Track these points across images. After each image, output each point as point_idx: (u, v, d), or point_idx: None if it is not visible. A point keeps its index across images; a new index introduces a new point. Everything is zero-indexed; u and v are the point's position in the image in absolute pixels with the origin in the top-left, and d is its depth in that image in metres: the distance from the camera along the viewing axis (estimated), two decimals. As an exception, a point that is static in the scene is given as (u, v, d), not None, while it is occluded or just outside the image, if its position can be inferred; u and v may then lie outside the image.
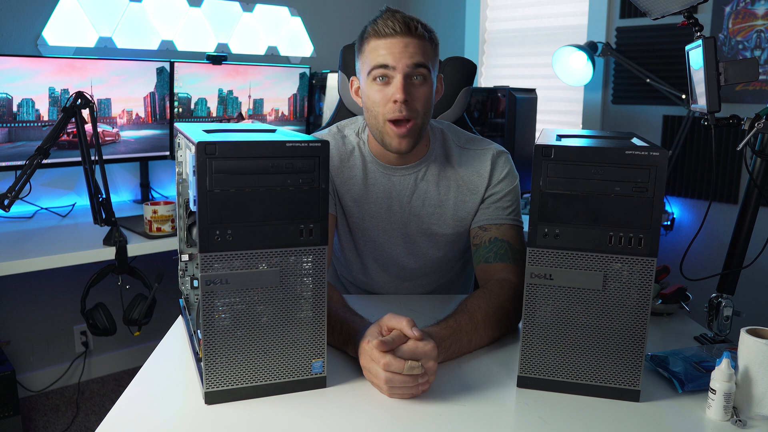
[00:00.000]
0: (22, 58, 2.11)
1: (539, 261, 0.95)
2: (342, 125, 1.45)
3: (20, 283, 2.46)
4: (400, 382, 0.93)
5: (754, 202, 1.20)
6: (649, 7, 1.30)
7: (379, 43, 1.23)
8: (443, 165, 1.38)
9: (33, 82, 2.13)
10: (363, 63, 1.27)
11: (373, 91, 1.25)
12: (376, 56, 1.23)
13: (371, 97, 1.26)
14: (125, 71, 2.35)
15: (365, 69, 1.26)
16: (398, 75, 1.22)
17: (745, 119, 1.16)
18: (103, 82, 2.29)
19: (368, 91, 1.27)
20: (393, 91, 1.22)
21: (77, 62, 2.23)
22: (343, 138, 1.41)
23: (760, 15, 2.27)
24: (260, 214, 0.90)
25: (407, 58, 1.22)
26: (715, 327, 1.19)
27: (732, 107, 2.21)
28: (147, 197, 2.63)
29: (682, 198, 2.57)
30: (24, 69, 2.11)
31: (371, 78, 1.25)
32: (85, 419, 2.44)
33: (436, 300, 1.41)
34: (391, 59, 1.22)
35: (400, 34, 1.21)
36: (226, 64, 2.62)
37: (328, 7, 3.19)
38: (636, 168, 0.91)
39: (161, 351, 1.12)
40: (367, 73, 1.25)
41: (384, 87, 1.24)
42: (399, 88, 1.21)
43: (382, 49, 1.22)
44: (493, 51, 3.23)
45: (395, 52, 1.21)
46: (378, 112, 1.25)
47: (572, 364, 0.97)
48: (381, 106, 1.25)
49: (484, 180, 1.37)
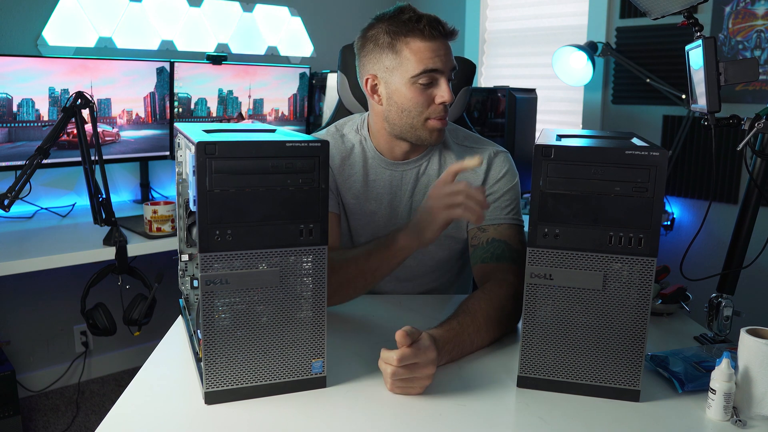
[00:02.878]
0: (22, 58, 2.11)
1: (539, 261, 0.95)
2: (340, 124, 1.45)
3: (20, 283, 2.46)
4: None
5: (754, 202, 1.20)
6: (649, 7, 1.30)
7: (424, 46, 1.24)
8: (443, 161, 1.40)
9: (33, 82, 2.13)
10: (399, 62, 1.26)
11: (416, 92, 1.26)
12: (424, 59, 1.24)
13: (413, 98, 1.26)
14: (125, 71, 2.35)
15: (406, 70, 1.25)
16: (443, 78, 1.26)
17: (745, 119, 1.16)
18: (103, 82, 2.29)
19: (408, 93, 1.26)
20: (440, 93, 1.26)
21: (77, 62, 2.23)
22: (342, 137, 1.42)
23: (760, 15, 2.27)
24: (260, 214, 0.90)
25: (451, 62, 1.27)
26: (715, 327, 1.19)
27: (732, 107, 2.21)
28: (147, 197, 2.63)
29: (682, 198, 2.57)
30: (24, 69, 2.11)
31: (415, 80, 1.25)
32: (85, 419, 2.44)
33: (436, 300, 1.41)
34: (441, 64, 1.25)
35: (442, 37, 1.25)
36: (226, 64, 2.62)
37: (328, 7, 3.19)
38: (636, 168, 0.91)
39: (161, 351, 1.12)
40: (412, 75, 1.25)
41: (427, 89, 1.26)
42: (448, 90, 1.26)
43: (429, 52, 1.24)
44: (493, 51, 3.23)
45: (442, 55, 1.25)
46: (419, 112, 1.27)
47: (572, 364, 0.97)
48: (424, 107, 1.27)
49: (479, 178, 1.37)
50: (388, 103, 1.30)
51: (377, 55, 1.28)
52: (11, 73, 2.08)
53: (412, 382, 0.95)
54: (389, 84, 1.28)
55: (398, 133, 1.32)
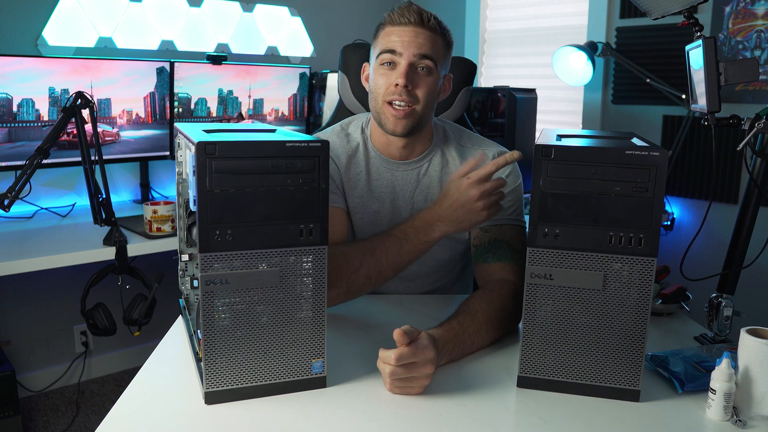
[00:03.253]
0: (22, 58, 2.11)
1: (539, 261, 0.95)
2: (345, 123, 1.47)
3: (20, 283, 2.45)
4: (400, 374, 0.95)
5: (754, 202, 1.20)
6: (649, 7, 1.30)
7: (391, 30, 1.29)
8: (445, 162, 1.40)
9: (33, 82, 2.13)
10: (374, 48, 1.33)
11: (378, 74, 1.30)
12: (387, 42, 1.28)
13: (376, 80, 1.31)
14: (125, 71, 2.35)
15: (375, 53, 1.32)
16: (404, 62, 1.27)
17: (745, 119, 1.16)
18: (103, 82, 2.29)
19: (374, 75, 1.32)
20: (396, 75, 1.27)
21: (77, 62, 2.23)
22: (347, 136, 1.43)
23: (760, 15, 2.27)
24: (260, 214, 0.90)
25: (415, 48, 1.27)
26: (715, 327, 1.19)
27: (732, 107, 2.21)
28: (147, 197, 2.63)
29: (682, 198, 2.57)
30: (24, 69, 2.10)
31: (379, 62, 1.30)
32: (85, 419, 2.44)
33: (436, 300, 1.41)
34: (400, 46, 1.27)
35: (413, 24, 1.27)
36: (226, 64, 2.62)
37: (328, 7, 3.19)
38: (636, 168, 0.91)
39: (161, 351, 1.12)
40: (376, 57, 1.31)
41: (389, 71, 1.29)
42: (402, 73, 1.26)
43: (393, 35, 1.28)
44: (493, 51, 3.23)
45: (405, 40, 1.27)
46: (379, 94, 1.30)
47: (572, 364, 0.97)
48: (383, 89, 1.29)
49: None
50: (369, 90, 1.35)
51: (372, 47, 1.35)
52: (11, 73, 2.08)
53: (411, 382, 0.95)
54: (371, 70, 1.35)
55: (375, 120, 1.35)
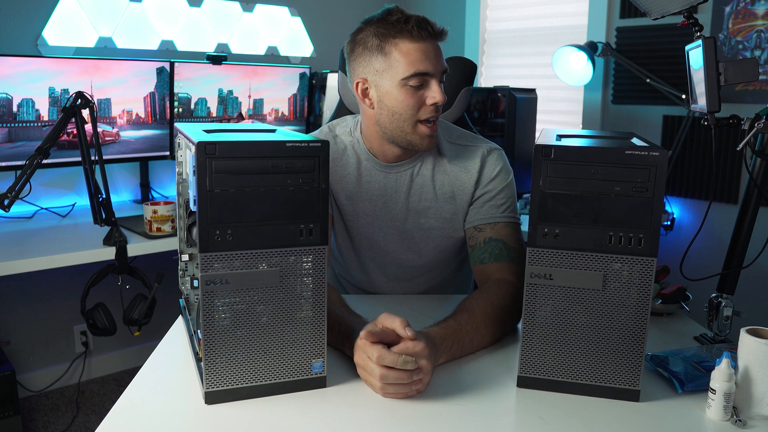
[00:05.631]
0: (22, 58, 2.11)
1: (539, 261, 0.95)
2: (333, 125, 1.45)
3: (20, 283, 2.46)
4: (395, 378, 0.93)
5: (754, 202, 1.20)
6: (649, 7, 1.30)
7: (414, 47, 1.22)
8: (436, 160, 1.38)
9: (33, 82, 2.13)
10: (389, 65, 1.23)
11: (406, 95, 1.23)
12: (414, 61, 1.21)
13: (404, 101, 1.24)
14: (125, 71, 2.35)
15: (396, 72, 1.23)
16: (434, 80, 1.24)
17: (745, 119, 1.16)
18: (103, 82, 2.29)
19: (399, 95, 1.24)
20: (431, 94, 1.23)
21: (77, 62, 2.23)
22: (334, 137, 1.41)
23: (760, 15, 2.27)
24: (260, 214, 0.90)
25: (441, 64, 1.25)
26: (715, 327, 1.19)
27: (732, 107, 2.21)
28: (147, 197, 2.63)
29: (682, 198, 2.57)
30: (24, 69, 2.11)
31: (405, 83, 1.22)
32: (85, 419, 2.44)
33: (435, 300, 1.41)
34: (431, 66, 1.22)
35: (431, 37, 1.23)
36: (226, 64, 2.62)
37: (328, 7, 3.19)
38: (636, 168, 0.91)
39: (161, 351, 1.12)
40: (402, 78, 1.22)
41: (417, 90, 1.24)
42: (439, 91, 1.23)
43: (419, 53, 1.21)
44: (493, 51, 3.23)
45: (432, 57, 1.23)
46: (410, 115, 1.25)
47: (572, 364, 0.97)
48: (414, 109, 1.24)
49: (472, 177, 1.36)
50: (379, 107, 1.27)
51: (367, 58, 1.26)
52: (11, 73, 2.08)
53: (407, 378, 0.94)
54: (379, 87, 1.26)
55: (389, 138, 1.30)
